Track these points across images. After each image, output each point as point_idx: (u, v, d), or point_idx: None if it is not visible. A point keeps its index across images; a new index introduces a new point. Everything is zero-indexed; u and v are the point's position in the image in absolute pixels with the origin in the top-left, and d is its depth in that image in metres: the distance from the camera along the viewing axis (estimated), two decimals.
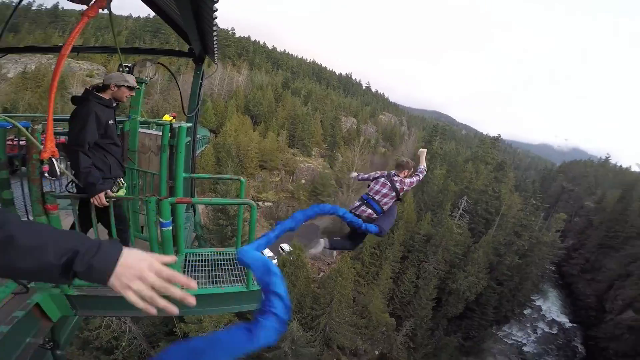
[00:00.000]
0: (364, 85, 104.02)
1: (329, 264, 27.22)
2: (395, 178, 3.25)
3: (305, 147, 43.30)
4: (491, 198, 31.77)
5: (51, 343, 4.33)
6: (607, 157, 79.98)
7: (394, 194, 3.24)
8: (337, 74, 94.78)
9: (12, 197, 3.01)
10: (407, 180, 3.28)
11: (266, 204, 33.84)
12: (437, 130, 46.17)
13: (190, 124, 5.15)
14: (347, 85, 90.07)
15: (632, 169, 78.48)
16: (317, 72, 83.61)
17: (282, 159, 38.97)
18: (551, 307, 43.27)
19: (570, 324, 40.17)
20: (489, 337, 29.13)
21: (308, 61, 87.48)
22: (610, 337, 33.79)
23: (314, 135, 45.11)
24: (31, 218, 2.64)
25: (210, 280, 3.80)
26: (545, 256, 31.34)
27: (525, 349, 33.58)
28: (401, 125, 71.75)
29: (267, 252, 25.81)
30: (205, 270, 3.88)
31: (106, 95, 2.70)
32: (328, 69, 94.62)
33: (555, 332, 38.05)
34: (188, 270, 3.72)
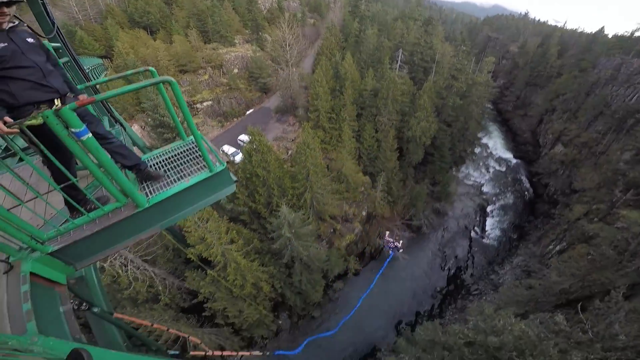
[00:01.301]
0: None
1: (292, 140, 27.86)
2: None
3: (225, 38, 38.99)
4: (425, 48, 35.11)
5: (84, 304, 4.39)
6: (526, 13, 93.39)
7: None
8: None
9: None
10: None
11: (205, 104, 32.24)
12: None
13: (57, 44, 5.05)
14: None
15: (549, 23, 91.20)
16: None
17: (203, 57, 35.27)
18: (496, 144, 50.46)
19: (514, 160, 47.20)
20: (451, 180, 34.34)
21: None
22: (549, 173, 39.78)
23: (231, 25, 40.38)
24: None
25: (174, 179, 3.66)
26: (482, 95, 35.79)
27: (484, 189, 39.63)
28: None
29: (228, 149, 25.48)
30: (168, 172, 3.76)
31: None
32: None
33: (504, 169, 44.77)
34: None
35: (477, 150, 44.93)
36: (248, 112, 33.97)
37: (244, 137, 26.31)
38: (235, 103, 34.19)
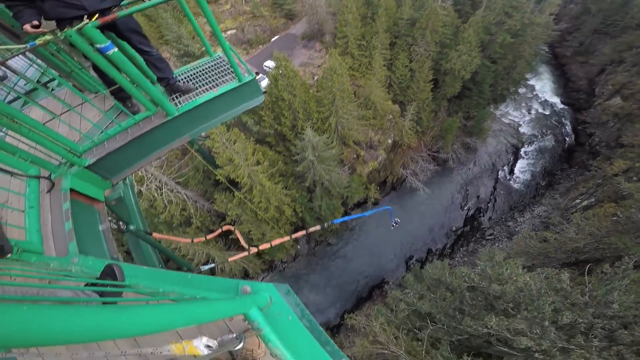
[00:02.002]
0: None
1: (318, 66, 26.36)
2: None
3: None
4: None
5: (121, 223, 4.70)
6: None
7: None
8: None
9: None
10: None
11: (229, 32, 31.02)
12: None
13: None
14: None
15: None
16: None
17: None
18: (544, 87, 45.56)
19: (561, 106, 43.07)
20: (488, 116, 32.04)
21: None
22: (597, 124, 36.47)
23: None
24: None
25: (205, 89, 3.73)
26: (539, 36, 31.40)
27: (522, 129, 36.98)
28: None
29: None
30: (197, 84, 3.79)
31: None
32: None
33: (547, 113, 41.06)
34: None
35: (522, 90, 40.90)
36: (273, 39, 32.25)
37: (269, 63, 25.24)
38: (260, 30, 32.54)
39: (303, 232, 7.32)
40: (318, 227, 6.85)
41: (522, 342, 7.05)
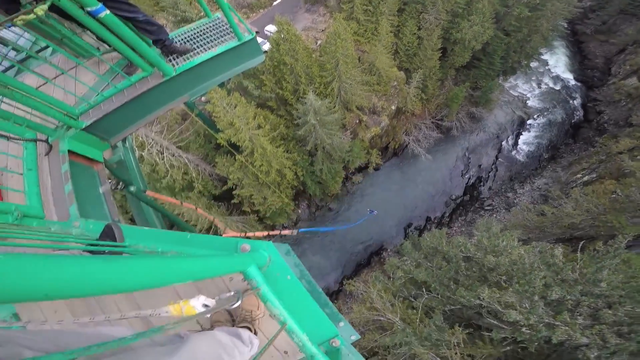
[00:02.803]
0: None
1: (322, 30, 25.28)
2: None
3: None
4: None
5: (120, 183, 4.71)
6: None
7: None
8: None
9: None
10: None
11: None
12: None
13: None
14: None
15: None
16: None
17: None
18: (558, 62, 43.41)
19: (574, 82, 41.20)
20: (496, 88, 31.13)
21: None
22: (609, 102, 35.32)
23: None
24: None
25: (203, 49, 3.68)
26: (559, 12, 29.78)
27: (529, 102, 36.01)
28: None
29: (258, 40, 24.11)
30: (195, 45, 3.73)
31: None
32: None
33: (558, 88, 39.54)
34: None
35: (534, 64, 39.29)
36: (275, 3, 30.75)
37: (271, 28, 24.20)
38: None
39: (277, 233, 7.46)
40: (292, 232, 6.96)
41: (511, 315, 7.26)
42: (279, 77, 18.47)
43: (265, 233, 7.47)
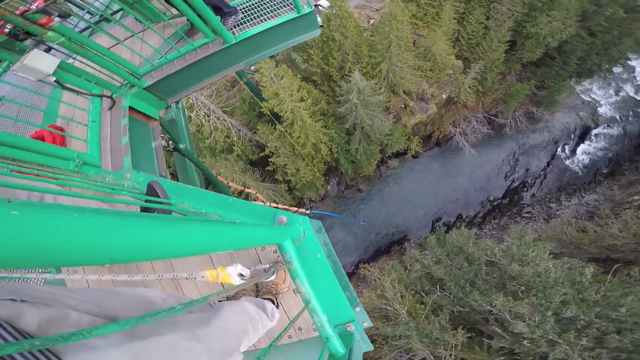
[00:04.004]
0: None
1: (376, 10, 24.03)
2: None
3: None
4: None
5: (172, 142, 5.07)
6: None
7: None
8: None
9: None
10: None
11: None
12: None
13: None
14: None
15: None
16: None
17: None
18: None
19: None
20: (565, 89, 28.01)
21: None
22: None
23: None
24: None
25: (262, 19, 3.76)
26: None
27: (600, 110, 31.78)
28: None
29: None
30: (251, 15, 3.80)
31: None
32: None
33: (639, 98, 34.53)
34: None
35: (617, 69, 33.87)
36: None
37: (323, 2, 23.54)
38: None
39: (295, 209, 7.49)
40: (308, 212, 6.98)
41: (517, 326, 7.12)
42: (326, 53, 18.30)
43: (286, 207, 7.67)
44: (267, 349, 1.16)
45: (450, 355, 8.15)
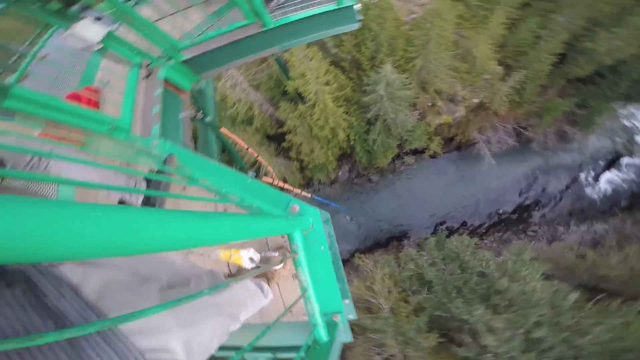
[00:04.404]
0: None
1: (420, 5, 22.88)
2: None
3: None
4: None
5: (201, 112, 5.22)
6: None
7: None
8: None
9: None
10: None
11: None
12: None
13: None
14: None
15: None
16: None
17: None
18: None
19: None
20: (607, 111, 25.90)
21: None
22: None
23: None
24: None
25: (302, 7, 3.80)
26: None
27: (638, 138, 28.89)
28: None
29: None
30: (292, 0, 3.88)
31: None
32: None
33: None
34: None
35: None
36: None
37: None
38: None
39: (298, 191, 7.55)
40: (308, 195, 7.02)
41: (487, 339, 7.25)
42: (360, 41, 17.92)
43: (291, 188, 7.82)
44: (267, 329, 1.31)
45: (420, 356, 8.41)
